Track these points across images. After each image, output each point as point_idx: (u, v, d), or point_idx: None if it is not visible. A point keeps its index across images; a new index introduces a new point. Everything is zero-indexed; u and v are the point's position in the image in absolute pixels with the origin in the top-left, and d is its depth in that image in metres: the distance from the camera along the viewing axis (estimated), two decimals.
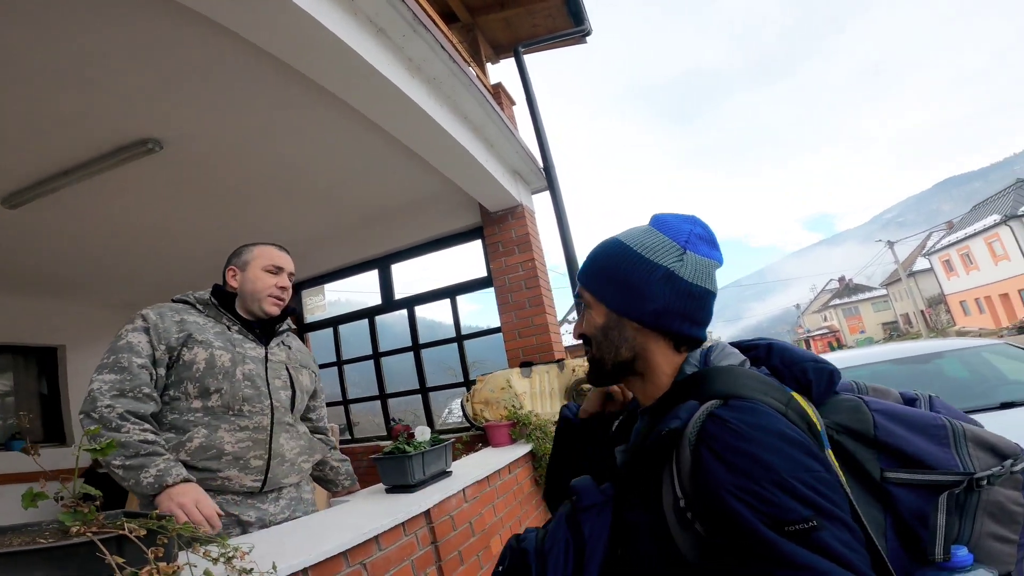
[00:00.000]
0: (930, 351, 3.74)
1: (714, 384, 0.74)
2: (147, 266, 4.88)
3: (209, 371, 1.56)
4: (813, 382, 0.78)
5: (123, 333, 1.53)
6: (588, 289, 0.89)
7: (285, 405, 1.71)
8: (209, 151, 3.08)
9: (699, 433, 0.68)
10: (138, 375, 1.47)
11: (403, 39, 2.37)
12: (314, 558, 1.33)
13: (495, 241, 4.32)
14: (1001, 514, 0.71)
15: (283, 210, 4.23)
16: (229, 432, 1.56)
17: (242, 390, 1.60)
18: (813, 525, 0.59)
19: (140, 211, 3.71)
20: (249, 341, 1.71)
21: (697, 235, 0.83)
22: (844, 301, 53.89)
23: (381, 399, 4.93)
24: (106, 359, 1.48)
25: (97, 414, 1.38)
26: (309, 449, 1.81)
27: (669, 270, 0.80)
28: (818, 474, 0.63)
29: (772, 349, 0.84)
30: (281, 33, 1.93)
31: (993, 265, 27.23)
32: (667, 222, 0.85)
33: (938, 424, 0.75)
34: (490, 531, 2.29)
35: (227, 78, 2.44)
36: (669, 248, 0.82)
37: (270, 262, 1.75)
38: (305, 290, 5.44)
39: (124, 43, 2.10)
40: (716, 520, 0.65)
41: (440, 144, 3.04)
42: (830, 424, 0.75)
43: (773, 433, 0.65)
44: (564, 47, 5.21)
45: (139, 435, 1.39)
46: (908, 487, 0.71)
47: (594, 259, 0.89)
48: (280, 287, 1.75)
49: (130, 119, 2.62)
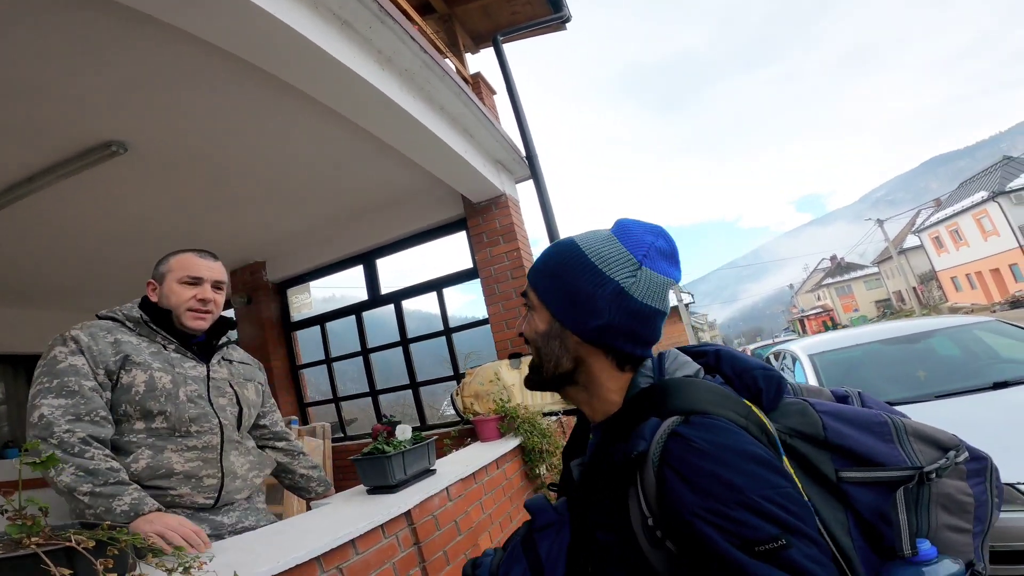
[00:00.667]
0: (921, 330, 3.74)
1: (674, 399, 0.72)
2: (127, 271, 4.81)
3: (149, 393, 1.47)
4: (764, 390, 0.77)
5: (58, 355, 1.42)
6: (535, 290, 0.85)
7: (232, 423, 1.65)
8: (178, 152, 3.01)
9: (662, 453, 0.67)
10: (92, 398, 1.39)
11: (370, 31, 2.30)
12: (283, 565, 1.30)
13: (479, 232, 4.28)
14: (952, 505, 0.72)
15: (261, 209, 4.17)
16: (177, 452, 1.50)
17: (188, 411, 1.52)
18: (782, 544, 0.59)
19: (114, 215, 3.64)
20: (188, 360, 1.61)
21: (657, 249, 0.79)
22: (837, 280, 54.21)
23: (372, 395, 4.89)
24: (46, 383, 1.37)
25: (56, 439, 1.29)
26: (259, 464, 1.75)
27: (620, 286, 0.76)
28: (783, 490, 0.63)
29: (720, 356, 0.83)
30: (240, 33, 1.86)
31: (983, 241, 27.43)
32: (629, 231, 0.80)
33: (880, 421, 0.76)
34: (478, 529, 2.26)
35: (190, 79, 2.38)
36: (624, 261, 0.77)
37: (185, 272, 1.60)
38: (290, 288, 5.38)
39: (78, 47, 2.04)
40: (685, 541, 0.65)
41: (416, 137, 2.98)
42: (782, 429, 0.74)
43: (736, 452, 0.65)
44: (544, 34, 5.15)
45: (105, 462, 1.32)
46: (863, 485, 0.71)
47: (546, 260, 0.84)
48: (200, 299, 1.60)
49: (92, 122, 2.55)
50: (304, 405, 5.23)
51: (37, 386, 1.37)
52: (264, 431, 1.89)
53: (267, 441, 1.90)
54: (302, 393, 5.25)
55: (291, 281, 5.35)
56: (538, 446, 3.07)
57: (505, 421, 3.20)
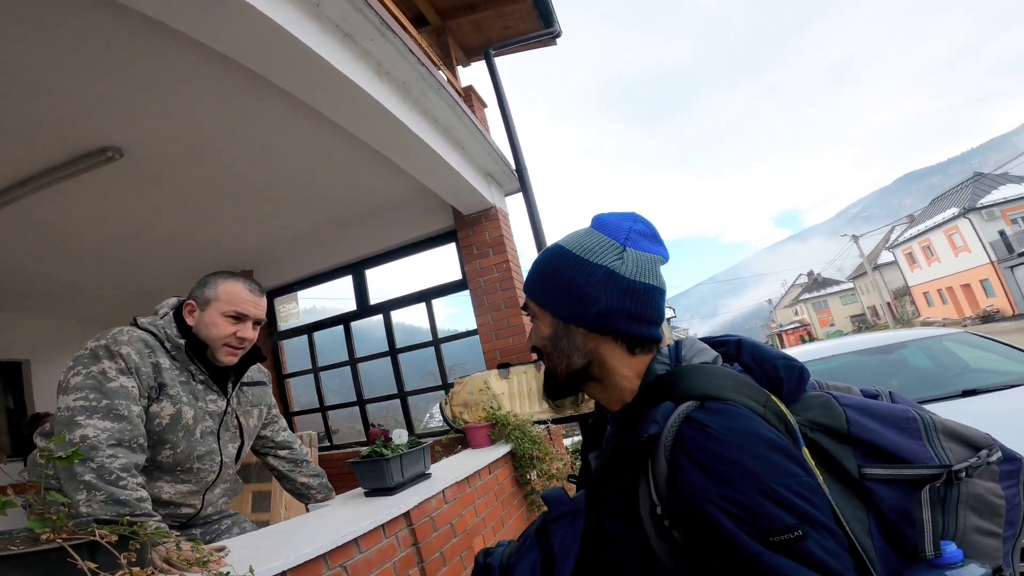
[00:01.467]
0: (894, 341, 3.84)
1: (689, 384, 0.70)
2: (112, 278, 4.77)
3: (171, 427, 1.45)
4: (784, 380, 0.75)
5: (108, 371, 1.35)
6: (533, 299, 0.86)
7: (232, 458, 1.65)
8: (174, 158, 3.02)
9: (675, 438, 0.65)
10: (137, 425, 1.35)
11: (371, 43, 2.36)
12: (292, 561, 1.33)
13: (469, 244, 4.33)
14: (983, 507, 0.69)
15: (253, 216, 4.17)
16: (170, 484, 1.49)
17: (197, 449, 1.51)
18: (799, 534, 0.57)
19: (103, 221, 3.63)
20: (212, 393, 1.57)
21: (637, 231, 0.80)
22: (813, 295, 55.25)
23: (360, 405, 4.89)
24: (94, 401, 1.30)
25: (96, 463, 1.24)
26: (232, 490, 1.75)
27: (609, 269, 0.77)
28: (801, 479, 0.61)
29: (742, 345, 0.81)
30: (246, 40, 1.90)
31: (954, 257, 28.23)
32: (606, 222, 0.82)
33: (909, 417, 0.73)
34: (472, 531, 2.29)
35: (191, 84, 2.41)
36: (608, 247, 0.79)
37: (233, 308, 1.53)
38: (278, 298, 5.37)
39: (87, 51, 2.06)
40: (696, 529, 0.62)
41: (411, 148, 3.03)
42: (803, 421, 0.72)
43: (753, 437, 0.62)
44: (534, 49, 5.26)
45: (136, 491, 1.28)
46: (887, 483, 0.69)
47: (536, 268, 0.86)
48: (240, 337, 1.55)
49: (89, 127, 2.56)
50: (290, 414, 5.21)
51: (80, 400, 1.30)
52: (265, 441, 1.89)
53: (268, 450, 1.91)
54: (288, 402, 5.23)
55: (279, 290, 5.34)
56: (528, 452, 3.12)
57: (496, 428, 3.24)
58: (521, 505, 3.05)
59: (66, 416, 1.29)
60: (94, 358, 1.37)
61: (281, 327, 5.34)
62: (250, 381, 1.76)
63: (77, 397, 1.31)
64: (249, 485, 3.52)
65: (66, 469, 1.22)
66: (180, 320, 1.54)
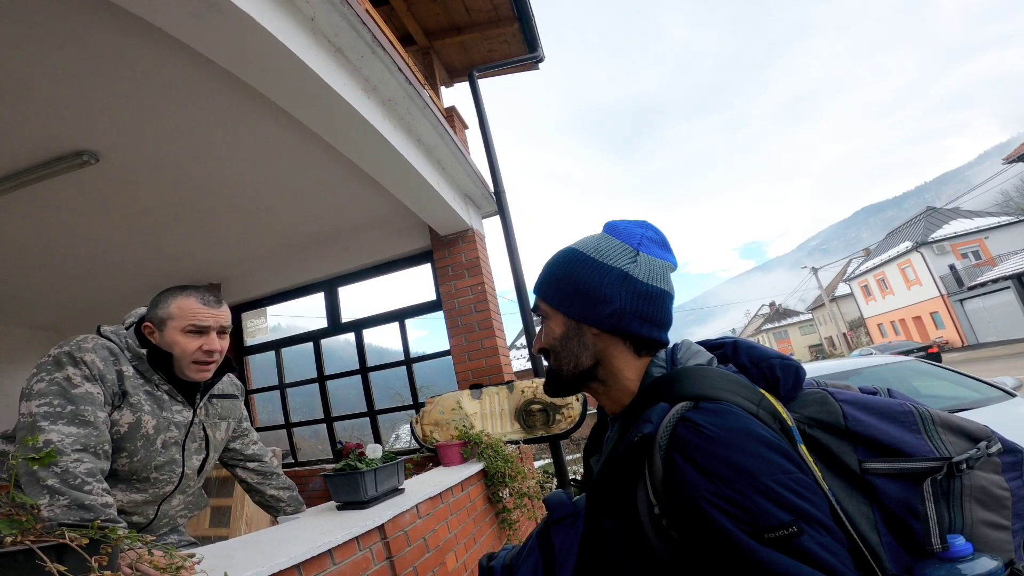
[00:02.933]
0: (849, 368, 3.98)
1: (683, 385, 0.72)
2: (77, 286, 4.63)
3: (129, 435, 1.42)
4: (781, 379, 0.77)
5: (72, 377, 1.33)
6: (545, 299, 0.87)
7: (195, 470, 1.61)
8: (149, 165, 2.98)
9: (670, 438, 0.66)
10: (103, 431, 1.33)
11: (360, 60, 2.40)
12: (266, 570, 1.31)
13: (445, 265, 4.35)
14: (988, 499, 0.69)
15: (225, 229, 4.12)
16: (124, 493, 1.45)
17: (156, 459, 1.48)
18: (794, 531, 0.58)
19: (71, 227, 3.52)
20: (177, 403, 1.55)
21: (649, 238, 0.84)
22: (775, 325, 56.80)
23: (327, 422, 4.80)
24: (59, 407, 1.28)
25: (60, 467, 1.21)
26: (194, 504, 1.71)
27: (623, 271, 0.80)
28: (795, 475, 0.62)
29: (738, 347, 0.83)
30: (241, 50, 1.92)
31: (906, 290, 29.45)
32: (619, 227, 0.85)
33: (905, 410, 0.74)
34: (445, 547, 2.28)
35: (175, 92, 2.40)
36: (622, 251, 0.81)
37: (189, 322, 1.48)
38: (245, 312, 5.27)
39: (73, 53, 2.04)
40: (692, 528, 0.63)
41: (393, 166, 3.06)
42: (800, 419, 0.73)
43: (747, 435, 0.63)
44: (517, 72, 5.34)
45: (101, 497, 1.25)
46: (889, 477, 0.69)
47: (549, 269, 0.87)
48: (206, 350, 1.50)
49: (67, 129, 2.51)
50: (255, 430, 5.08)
51: (44, 406, 1.28)
52: (234, 453, 1.87)
53: (237, 462, 1.89)
54: (252, 417, 5.10)
55: (248, 305, 5.24)
56: (501, 470, 3.11)
57: (468, 447, 3.23)
58: (493, 523, 3.03)
59: (29, 422, 1.27)
60: (58, 365, 1.35)
61: (248, 342, 5.23)
62: (220, 393, 1.73)
63: (41, 403, 1.28)
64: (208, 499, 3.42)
65: (29, 473, 1.19)
66: (142, 334, 1.51)
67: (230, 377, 1.80)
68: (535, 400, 3.62)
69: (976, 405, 3.15)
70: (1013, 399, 3.22)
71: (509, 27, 4.70)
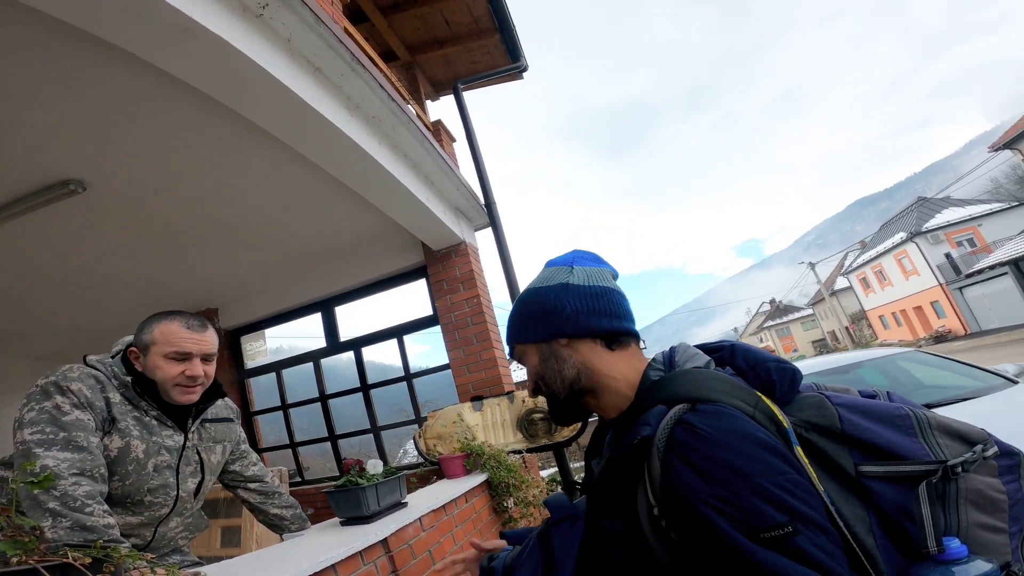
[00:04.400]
0: (850, 362, 3.98)
1: (680, 387, 0.73)
2: (70, 315, 4.63)
3: (119, 460, 1.44)
4: (777, 382, 0.78)
5: (61, 406, 1.36)
6: (517, 341, 0.95)
7: (190, 492, 1.62)
8: (138, 192, 2.99)
9: (668, 440, 0.67)
10: (97, 456, 1.36)
11: (341, 78, 2.42)
12: None
13: (440, 279, 4.36)
14: (984, 502, 0.69)
15: (218, 254, 4.13)
16: (119, 515, 1.46)
17: (148, 483, 1.49)
18: (789, 531, 0.59)
19: (63, 256, 3.53)
20: (167, 428, 1.56)
21: (580, 255, 0.93)
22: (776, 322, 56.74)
23: (331, 440, 4.79)
24: (51, 434, 1.31)
25: (59, 491, 1.23)
26: (194, 526, 1.72)
27: (563, 283, 0.89)
28: (790, 476, 0.63)
29: (735, 350, 0.84)
30: (217, 74, 1.93)
31: (905, 280, 29.43)
32: (554, 259, 0.96)
33: (902, 414, 0.74)
34: None
35: (160, 117, 2.41)
36: (558, 271, 0.92)
37: (171, 348, 1.49)
38: (244, 336, 5.29)
39: (52, 80, 2.05)
40: (690, 529, 0.64)
41: (381, 183, 3.07)
42: (797, 422, 0.74)
43: (742, 436, 0.64)
44: (502, 83, 5.38)
45: (103, 518, 1.27)
46: (884, 480, 0.69)
47: (510, 318, 0.97)
48: (188, 376, 1.51)
49: (52, 158, 2.51)
50: (259, 451, 5.07)
51: (37, 434, 1.30)
52: (234, 475, 1.88)
53: (238, 484, 1.90)
54: (256, 439, 5.10)
55: (245, 328, 5.26)
56: (505, 480, 3.11)
57: (471, 458, 3.23)
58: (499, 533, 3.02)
59: (23, 450, 1.30)
60: (45, 395, 1.38)
61: (248, 365, 5.24)
62: (214, 417, 1.74)
63: (33, 431, 1.31)
64: (218, 520, 3.42)
65: (30, 497, 1.21)
66: (128, 361, 1.53)
67: (224, 401, 1.81)
68: (536, 409, 3.62)
69: (979, 394, 3.13)
70: (1016, 386, 3.21)
71: (490, 38, 4.74)
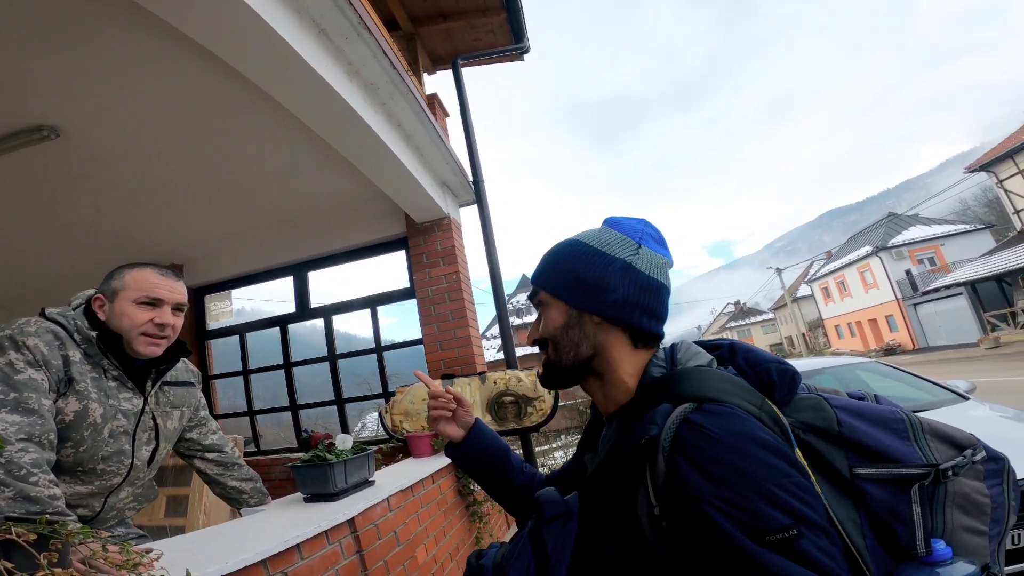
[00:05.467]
0: (810, 368, 4.10)
1: (686, 386, 0.72)
2: (31, 265, 4.43)
3: (75, 424, 1.35)
4: (777, 383, 0.77)
5: (15, 363, 1.26)
6: (545, 288, 0.87)
7: (144, 461, 1.53)
8: (112, 143, 2.85)
9: (673, 440, 0.66)
10: (48, 419, 1.25)
11: (345, 42, 2.32)
12: (231, 566, 1.27)
13: (420, 252, 4.30)
14: (969, 506, 0.71)
15: (191, 208, 3.99)
16: (68, 485, 1.38)
17: (103, 449, 1.40)
18: (793, 534, 0.58)
19: (27, 203, 3.36)
20: (126, 390, 1.46)
21: (649, 234, 0.85)
22: (738, 324, 58.26)
23: (292, 410, 4.70)
24: (1, 394, 1.22)
25: (5, 458, 1.14)
26: (144, 497, 1.63)
27: (627, 262, 0.81)
28: (795, 479, 0.62)
29: (735, 349, 0.83)
30: (220, 26, 1.83)
31: (864, 293, 30.47)
32: (621, 222, 0.86)
33: (897, 418, 0.75)
34: (415, 541, 2.25)
35: (146, 67, 2.29)
36: (625, 243, 0.82)
37: (143, 293, 1.42)
38: (209, 295, 5.10)
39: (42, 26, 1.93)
40: (693, 530, 0.63)
41: (372, 150, 2.99)
42: (795, 423, 0.74)
43: (749, 438, 0.64)
44: (501, 63, 5.28)
45: (48, 489, 1.18)
46: (878, 483, 0.70)
47: (551, 259, 0.88)
48: (158, 324, 1.43)
49: (27, 102, 2.37)
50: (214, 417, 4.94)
51: None
52: (191, 444, 1.78)
53: (195, 453, 1.80)
54: (213, 404, 4.95)
55: (212, 287, 5.08)
56: None
57: (439, 438, 3.20)
58: (464, 515, 3.01)
59: None
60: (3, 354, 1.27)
61: (211, 326, 5.08)
62: (173, 380, 1.64)
63: None
64: (164, 488, 3.29)
65: None
66: (92, 314, 1.44)
67: (185, 363, 1.71)
68: (507, 392, 3.61)
69: (931, 407, 3.26)
70: (966, 402, 3.34)
71: (496, 16, 4.63)
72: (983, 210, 41.41)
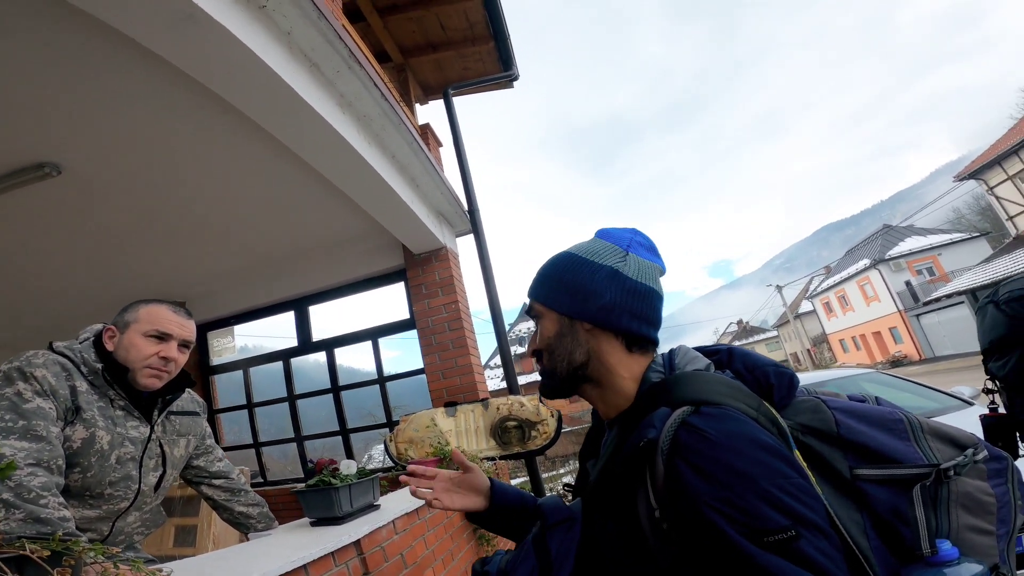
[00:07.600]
0: (813, 381, 4.12)
1: (684, 389, 0.72)
2: (31, 304, 4.46)
3: (82, 451, 1.38)
4: (775, 386, 0.77)
5: (23, 392, 1.30)
6: (538, 300, 0.89)
7: (151, 487, 1.57)
8: (114, 179, 2.91)
9: (672, 442, 0.67)
10: (56, 447, 1.30)
11: (336, 75, 2.40)
12: None
13: (418, 283, 4.34)
14: (974, 505, 0.71)
15: (191, 245, 4.04)
16: (76, 509, 1.40)
17: (110, 475, 1.44)
18: (792, 535, 0.59)
19: (29, 242, 3.41)
20: (133, 419, 1.51)
21: (638, 242, 0.87)
22: (743, 342, 57.97)
23: (297, 441, 4.69)
24: (10, 422, 1.26)
25: (14, 481, 1.17)
26: (152, 522, 1.66)
27: (613, 268, 0.82)
28: (794, 480, 0.63)
29: (733, 354, 0.84)
30: (216, 63, 1.90)
31: (866, 306, 30.37)
32: (610, 232, 0.89)
33: (896, 418, 0.76)
34: (423, 564, 2.23)
35: (144, 104, 2.36)
36: (612, 251, 0.84)
37: (153, 327, 1.48)
38: (212, 331, 5.14)
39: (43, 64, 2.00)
40: (693, 532, 0.64)
41: (367, 182, 3.05)
42: (794, 425, 0.75)
43: (748, 440, 0.64)
44: (492, 91, 5.39)
45: (58, 511, 1.21)
46: (879, 483, 0.70)
47: (543, 271, 0.90)
48: (163, 357, 1.48)
49: (29, 140, 2.44)
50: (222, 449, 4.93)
51: None
52: (198, 471, 1.82)
53: (202, 480, 1.84)
54: (218, 438, 4.95)
55: (214, 324, 5.12)
56: None
57: (443, 463, 3.19)
58: (471, 538, 2.99)
59: None
60: (7, 380, 1.32)
61: (214, 361, 5.11)
62: (179, 410, 1.69)
63: None
64: (172, 519, 3.29)
65: None
66: (100, 347, 1.49)
67: (190, 394, 1.76)
68: (510, 417, 3.61)
69: (936, 414, 3.26)
70: (971, 407, 3.34)
71: (484, 45, 4.75)
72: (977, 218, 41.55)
